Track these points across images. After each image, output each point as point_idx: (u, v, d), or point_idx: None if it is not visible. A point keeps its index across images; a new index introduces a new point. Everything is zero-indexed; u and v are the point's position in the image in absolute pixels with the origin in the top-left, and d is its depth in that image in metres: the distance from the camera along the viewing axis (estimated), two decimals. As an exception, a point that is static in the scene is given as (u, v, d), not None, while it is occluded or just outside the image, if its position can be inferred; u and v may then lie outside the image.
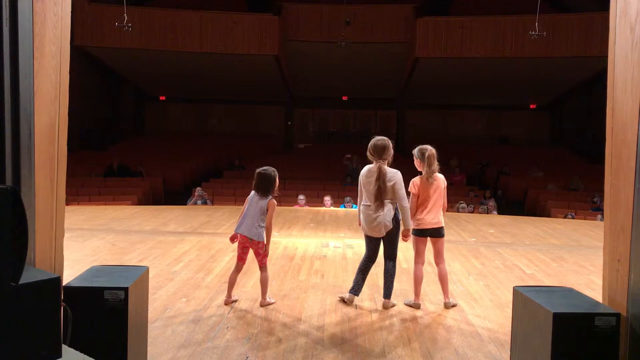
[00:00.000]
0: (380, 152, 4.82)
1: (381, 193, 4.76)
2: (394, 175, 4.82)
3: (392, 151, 4.89)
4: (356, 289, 5.07)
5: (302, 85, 21.76)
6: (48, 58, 2.85)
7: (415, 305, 5.01)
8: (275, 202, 4.97)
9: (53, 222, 2.94)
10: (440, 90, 20.73)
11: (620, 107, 2.98)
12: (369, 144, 4.90)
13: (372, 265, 5.10)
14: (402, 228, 4.90)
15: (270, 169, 4.97)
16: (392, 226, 4.86)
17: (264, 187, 4.89)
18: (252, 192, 4.95)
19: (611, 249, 3.07)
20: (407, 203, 4.84)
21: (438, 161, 5.03)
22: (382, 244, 5.04)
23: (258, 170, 4.97)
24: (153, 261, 6.62)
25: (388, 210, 4.81)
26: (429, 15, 17.14)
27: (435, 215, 4.98)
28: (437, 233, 5.02)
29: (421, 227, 4.98)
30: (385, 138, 4.91)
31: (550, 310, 2.85)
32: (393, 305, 5.03)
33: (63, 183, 3.04)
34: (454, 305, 5.08)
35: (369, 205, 4.85)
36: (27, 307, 1.78)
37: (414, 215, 4.99)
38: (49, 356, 1.84)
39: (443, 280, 5.09)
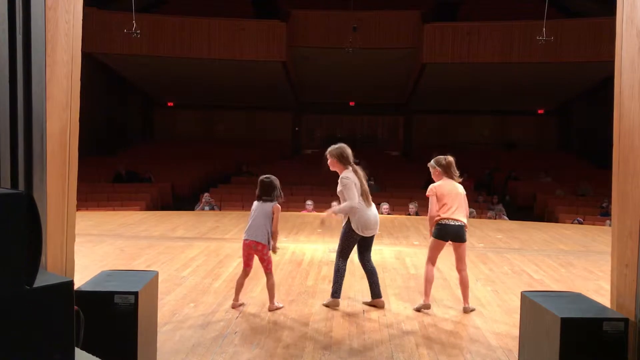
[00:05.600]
0: (350, 156, 5.09)
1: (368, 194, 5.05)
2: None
3: None
4: (340, 292, 5.15)
5: (310, 91, 21.82)
6: (60, 65, 2.89)
7: (425, 307, 5.02)
8: (279, 206, 5.01)
9: (64, 227, 2.97)
10: (448, 96, 20.72)
11: (627, 112, 2.99)
12: (338, 151, 5.06)
13: None
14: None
15: (272, 177, 5.06)
16: None
17: (267, 193, 4.97)
18: (256, 202, 5.03)
19: (619, 254, 3.07)
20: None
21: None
22: (357, 246, 5.18)
23: (260, 177, 5.08)
24: (161, 266, 6.65)
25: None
26: (436, 21, 17.16)
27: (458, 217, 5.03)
28: (457, 237, 5.03)
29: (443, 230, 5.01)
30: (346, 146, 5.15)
31: (558, 315, 2.85)
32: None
33: (74, 188, 3.08)
34: (472, 310, 5.11)
35: (369, 206, 5.01)
36: (41, 310, 1.81)
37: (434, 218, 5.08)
38: (62, 359, 1.86)
39: (464, 285, 5.12)
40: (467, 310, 5.07)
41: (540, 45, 13.11)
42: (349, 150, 5.08)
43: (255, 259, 5.03)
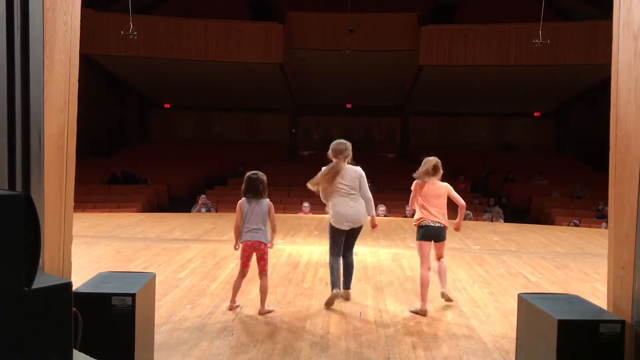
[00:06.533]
0: (342, 151, 5.19)
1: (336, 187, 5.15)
2: (357, 169, 5.22)
3: (350, 153, 5.24)
4: (339, 284, 5.21)
5: (307, 93, 21.82)
6: (58, 66, 2.89)
7: (422, 312, 5.02)
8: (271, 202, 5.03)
9: (62, 228, 2.97)
10: (445, 98, 20.75)
11: (624, 116, 3.00)
12: (332, 146, 5.25)
13: None
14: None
15: (259, 172, 5.03)
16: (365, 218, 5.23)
17: (258, 190, 4.92)
18: (243, 199, 4.95)
19: (616, 256, 3.09)
20: (370, 195, 5.26)
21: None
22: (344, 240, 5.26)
23: (247, 174, 5.01)
24: (158, 268, 6.64)
25: (361, 203, 5.19)
26: (433, 23, 17.19)
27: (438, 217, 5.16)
28: (438, 237, 5.16)
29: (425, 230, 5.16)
30: (346, 141, 5.29)
31: (555, 317, 2.86)
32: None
33: (71, 190, 3.07)
34: (449, 300, 5.26)
35: (344, 199, 5.11)
36: (39, 312, 1.81)
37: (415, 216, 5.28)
38: (60, 360, 1.87)
39: (442, 272, 5.25)
40: (443, 295, 5.17)
41: (537, 48, 13.14)
42: (338, 147, 5.20)
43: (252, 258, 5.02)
